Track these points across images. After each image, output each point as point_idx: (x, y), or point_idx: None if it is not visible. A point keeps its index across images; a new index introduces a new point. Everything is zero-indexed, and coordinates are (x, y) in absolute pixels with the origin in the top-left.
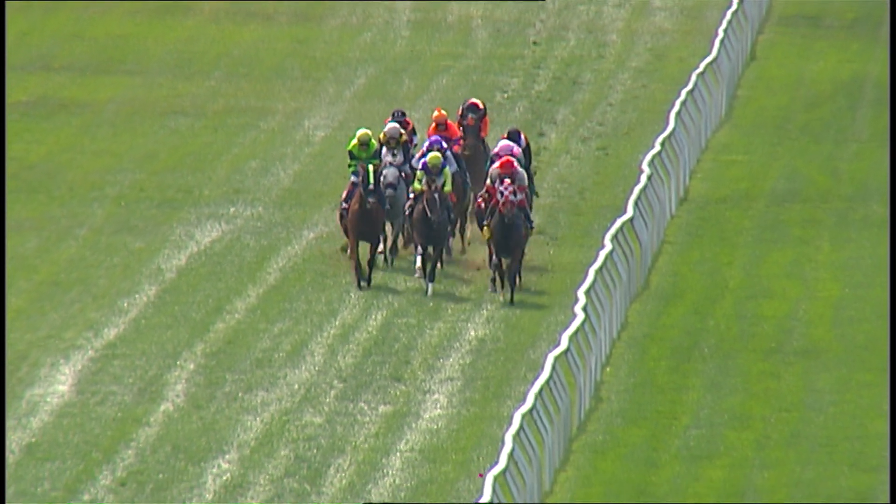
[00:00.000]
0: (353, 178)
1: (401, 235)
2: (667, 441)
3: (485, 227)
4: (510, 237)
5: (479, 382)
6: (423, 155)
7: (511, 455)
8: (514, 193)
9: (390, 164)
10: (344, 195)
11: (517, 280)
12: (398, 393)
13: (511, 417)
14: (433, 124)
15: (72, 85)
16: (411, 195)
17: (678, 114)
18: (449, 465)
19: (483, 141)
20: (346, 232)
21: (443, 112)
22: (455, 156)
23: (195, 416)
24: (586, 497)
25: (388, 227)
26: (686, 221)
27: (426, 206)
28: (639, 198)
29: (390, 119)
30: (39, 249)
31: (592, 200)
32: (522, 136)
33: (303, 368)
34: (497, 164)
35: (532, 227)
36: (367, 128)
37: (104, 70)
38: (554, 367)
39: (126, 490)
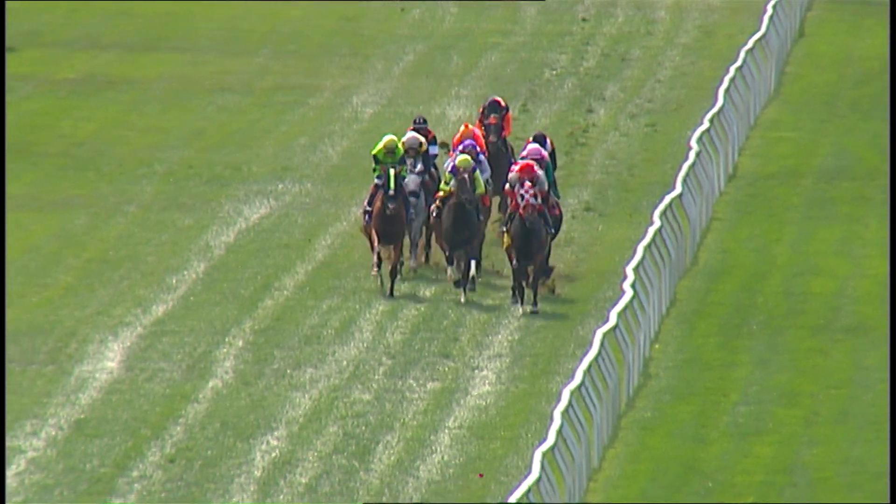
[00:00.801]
0: (376, 181)
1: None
2: (715, 418)
3: (504, 234)
4: (531, 242)
5: (528, 359)
6: (455, 159)
7: (560, 431)
8: (535, 196)
9: (410, 171)
10: (367, 198)
11: (539, 287)
12: (447, 370)
13: (560, 394)
14: (458, 136)
15: (120, 62)
16: (435, 203)
17: (727, 90)
18: (497, 442)
19: (505, 140)
20: (368, 236)
21: (470, 127)
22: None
23: (244, 393)
24: (635, 473)
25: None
26: (735, 198)
27: (458, 190)
28: (687, 174)
29: (412, 126)
30: (88, 226)
31: (641, 177)
32: (548, 141)
33: (351, 345)
34: (517, 168)
35: (553, 233)
36: (391, 133)
37: (152, 47)
38: (602, 344)
39: (175, 466)
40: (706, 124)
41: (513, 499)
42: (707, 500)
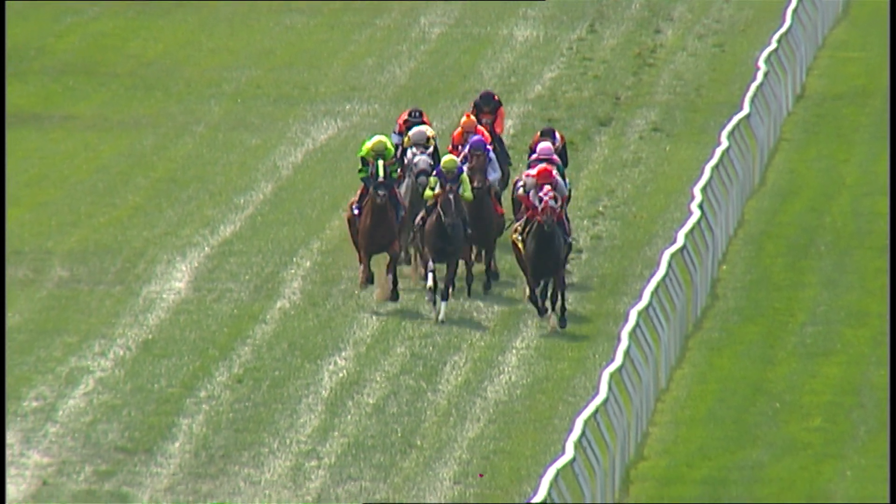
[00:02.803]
0: (364, 182)
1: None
2: (783, 338)
3: (520, 243)
4: (549, 249)
5: (595, 280)
6: (465, 160)
7: (627, 352)
8: (555, 200)
9: (422, 154)
10: (355, 199)
11: (562, 301)
12: (514, 290)
13: (627, 314)
14: (459, 129)
15: None
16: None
17: (795, 11)
18: (565, 363)
19: (499, 138)
20: (354, 241)
21: (472, 118)
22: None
23: (311, 314)
24: (702, 394)
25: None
26: (802, 118)
27: (440, 210)
28: (755, 95)
29: (405, 118)
30: (156, 146)
31: (708, 97)
32: (557, 135)
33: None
34: (533, 172)
35: (570, 244)
36: (381, 134)
37: None
38: (670, 265)
39: (242, 387)
40: (774, 44)
41: (580, 420)
42: (774, 420)
